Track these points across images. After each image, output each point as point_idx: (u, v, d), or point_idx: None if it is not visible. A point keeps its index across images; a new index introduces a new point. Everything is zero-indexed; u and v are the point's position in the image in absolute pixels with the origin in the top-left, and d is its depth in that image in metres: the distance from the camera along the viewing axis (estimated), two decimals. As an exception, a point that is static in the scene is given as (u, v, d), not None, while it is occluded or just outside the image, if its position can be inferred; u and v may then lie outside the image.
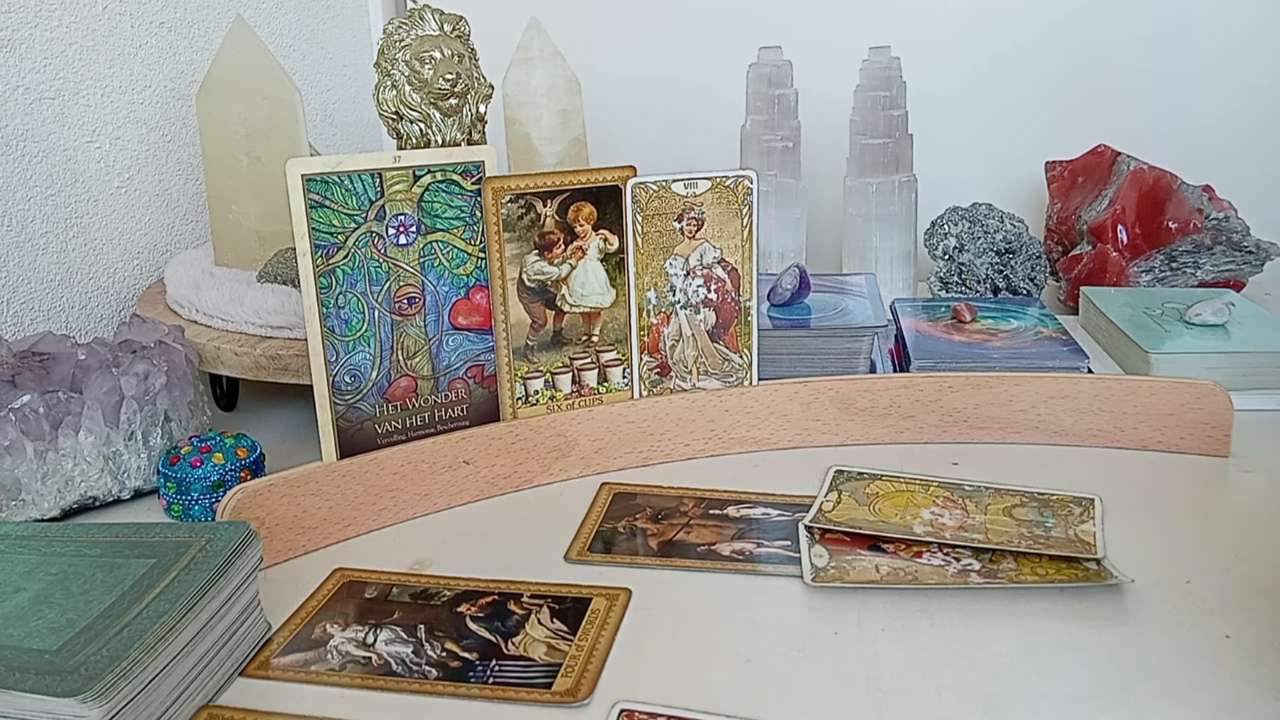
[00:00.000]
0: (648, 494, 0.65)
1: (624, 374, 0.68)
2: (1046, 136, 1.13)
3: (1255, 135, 1.12)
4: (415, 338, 0.63)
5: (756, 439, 0.71)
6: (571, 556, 0.58)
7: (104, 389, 0.64)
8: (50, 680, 0.40)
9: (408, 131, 0.71)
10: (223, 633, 0.48)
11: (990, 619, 0.51)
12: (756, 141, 0.96)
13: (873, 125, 0.94)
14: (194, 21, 0.96)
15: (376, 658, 0.50)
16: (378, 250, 0.60)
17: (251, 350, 0.72)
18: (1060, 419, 0.70)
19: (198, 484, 0.63)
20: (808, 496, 0.63)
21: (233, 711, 0.46)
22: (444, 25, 0.70)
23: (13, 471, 0.61)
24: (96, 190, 0.86)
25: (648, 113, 1.21)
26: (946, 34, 1.15)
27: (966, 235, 0.95)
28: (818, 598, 0.54)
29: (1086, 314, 0.92)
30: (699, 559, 0.58)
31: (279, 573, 0.58)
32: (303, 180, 0.57)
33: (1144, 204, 0.99)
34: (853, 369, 0.74)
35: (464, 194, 0.63)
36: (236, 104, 0.80)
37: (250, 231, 0.82)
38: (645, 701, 0.46)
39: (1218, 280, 0.95)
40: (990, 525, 0.59)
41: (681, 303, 0.68)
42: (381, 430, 0.62)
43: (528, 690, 0.47)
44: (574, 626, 0.51)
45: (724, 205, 0.67)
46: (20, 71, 0.79)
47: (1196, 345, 0.78)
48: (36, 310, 0.81)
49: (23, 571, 0.48)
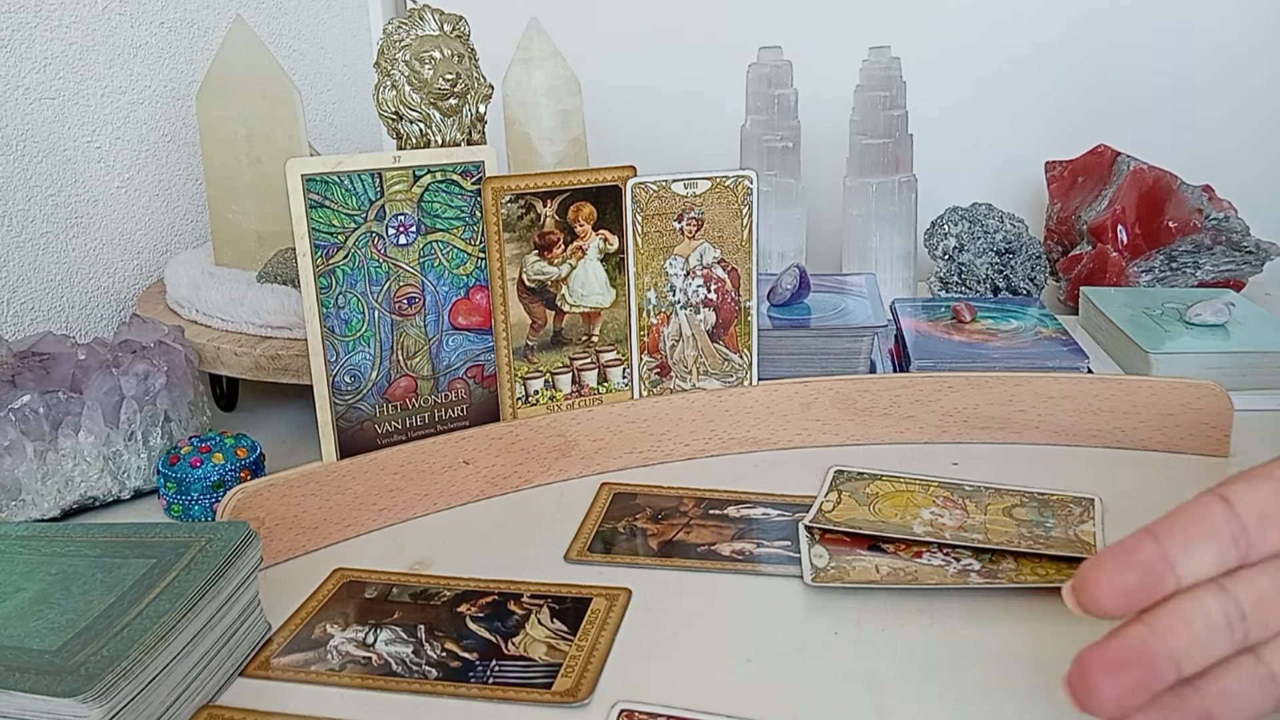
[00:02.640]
0: (648, 494, 0.65)
1: (624, 374, 0.68)
2: (1046, 136, 1.13)
3: (1255, 136, 1.12)
4: (415, 338, 0.63)
5: (756, 439, 0.71)
6: (571, 556, 0.58)
7: (104, 389, 0.64)
8: (50, 680, 0.40)
9: (408, 131, 0.71)
10: (223, 633, 0.48)
11: (990, 619, 0.51)
12: (756, 141, 0.96)
13: (873, 125, 0.94)
14: (194, 21, 0.96)
15: (376, 658, 0.50)
16: (378, 250, 0.60)
17: (251, 350, 0.72)
18: (1060, 419, 0.70)
19: (198, 484, 0.63)
20: (808, 496, 0.63)
21: (233, 711, 0.46)
22: (444, 25, 0.70)
23: (13, 471, 0.61)
24: (96, 190, 0.86)
25: (648, 113, 1.21)
26: (947, 34, 1.15)
27: (966, 235, 0.95)
28: (818, 598, 0.54)
29: (1086, 314, 0.92)
30: (699, 559, 0.58)
31: (279, 573, 0.58)
32: (303, 180, 0.57)
33: (1144, 204, 0.99)
34: (853, 369, 0.74)
35: (464, 194, 0.63)
36: (236, 104, 0.80)
37: (250, 231, 0.82)
38: (645, 701, 0.46)
39: (1218, 280, 0.95)
40: (990, 525, 0.59)
41: (681, 303, 0.68)
42: (381, 430, 0.62)
43: (528, 690, 0.47)
44: (574, 626, 0.51)
45: (724, 205, 0.67)
46: (20, 71, 0.79)
47: (1196, 345, 0.78)
48: (36, 310, 0.81)
49: (23, 571, 0.48)
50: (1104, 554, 0.37)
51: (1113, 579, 0.36)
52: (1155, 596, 0.36)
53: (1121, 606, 0.36)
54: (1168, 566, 0.36)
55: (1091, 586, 0.36)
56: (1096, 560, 0.37)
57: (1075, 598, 0.37)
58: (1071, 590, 0.37)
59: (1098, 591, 0.36)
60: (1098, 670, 0.36)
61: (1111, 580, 0.36)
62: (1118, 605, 0.36)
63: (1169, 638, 0.36)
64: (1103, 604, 0.36)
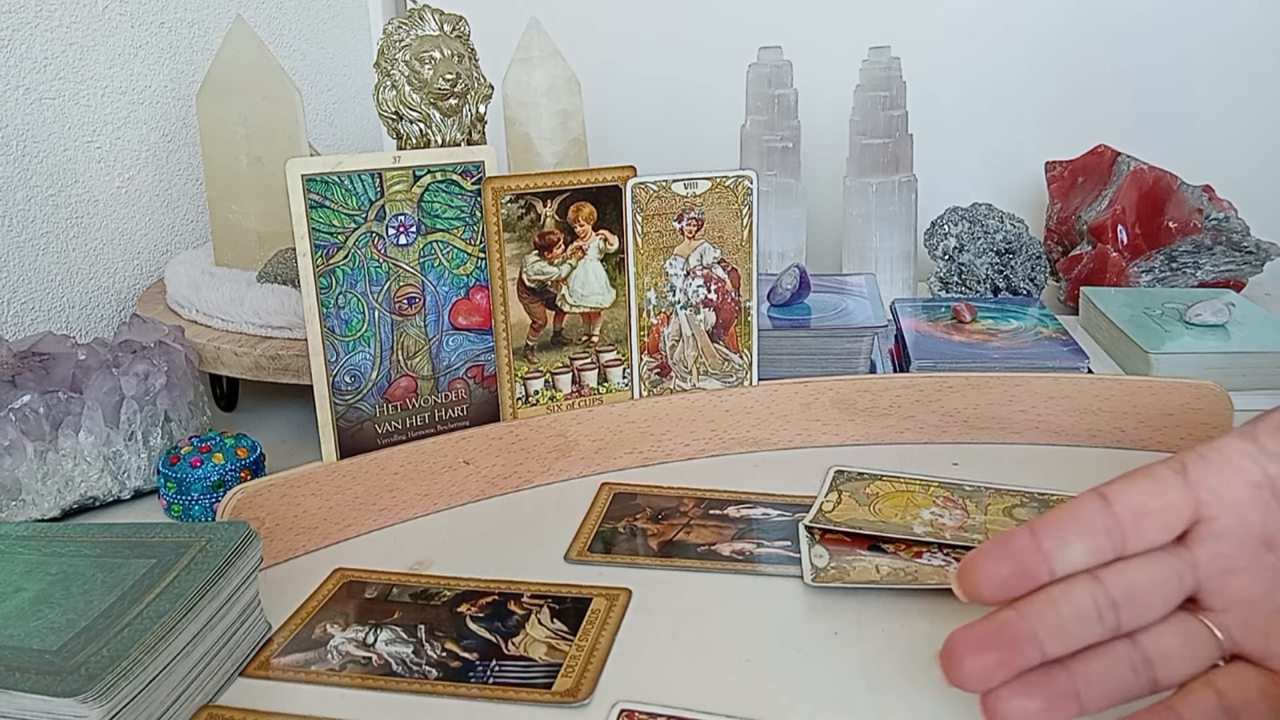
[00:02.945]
0: (648, 494, 0.65)
1: (624, 374, 0.68)
2: (1046, 137, 1.13)
3: (1255, 135, 1.12)
4: (415, 338, 0.63)
5: (757, 439, 0.71)
6: (571, 556, 0.58)
7: (104, 389, 0.64)
8: (50, 680, 0.40)
9: (408, 131, 0.71)
10: (223, 633, 0.48)
11: (990, 619, 0.51)
12: (756, 141, 0.96)
13: (873, 125, 0.94)
14: (194, 21, 0.96)
15: (376, 658, 0.50)
16: (378, 250, 0.60)
17: (251, 350, 0.72)
18: (1060, 419, 0.70)
19: (198, 484, 0.63)
20: (808, 497, 0.63)
21: (233, 711, 0.46)
22: (444, 25, 0.70)
23: (13, 471, 0.61)
24: (96, 190, 0.86)
25: (648, 113, 1.21)
26: (947, 34, 1.15)
27: (966, 235, 0.95)
28: (818, 598, 0.54)
29: (1086, 314, 0.92)
30: (699, 559, 0.58)
31: (279, 573, 0.58)
32: (303, 180, 0.57)
33: (1144, 204, 0.99)
34: (853, 369, 0.74)
35: (464, 194, 0.63)
36: (236, 104, 0.80)
37: (250, 231, 0.82)
38: (645, 701, 0.46)
39: (1218, 280, 0.95)
40: (990, 525, 0.59)
41: (681, 303, 0.68)
42: (381, 430, 0.62)
43: (528, 690, 0.47)
44: (574, 626, 0.51)
45: (724, 205, 0.67)
46: (20, 71, 0.79)
47: (1196, 345, 0.78)
48: (36, 310, 0.81)
49: (23, 571, 0.48)
50: (985, 546, 0.40)
51: (990, 569, 0.40)
52: (1029, 586, 0.40)
53: (998, 594, 0.40)
54: (1040, 557, 0.39)
55: (971, 575, 0.40)
56: (978, 551, 0.40)
57: (958, 586, 0.40)
58: (955, 579, 0.40)
59: (977, 580, 0.40)
60: (962, 648, 0.39)
61: (989, 570, 0.40)
62: (995, 593, 0.40)
63: (1033, 620, 0.39)
64: (981, 592, 0.40)
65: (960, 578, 0.40)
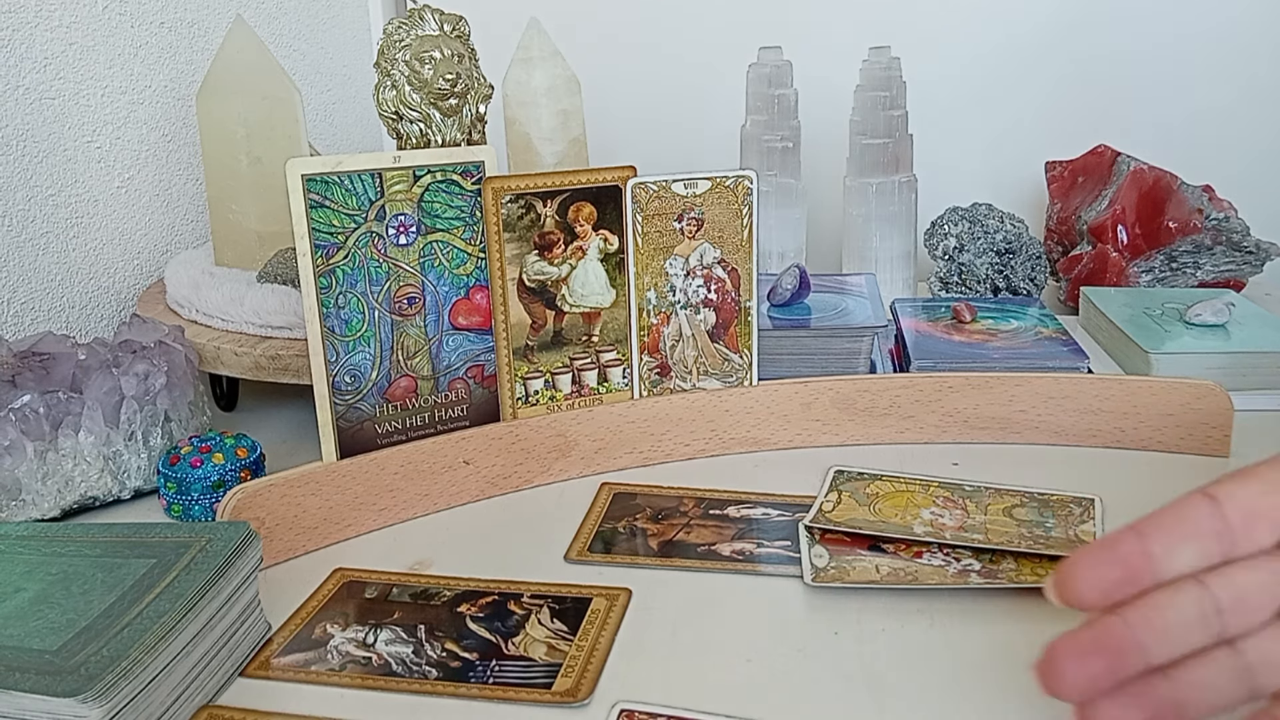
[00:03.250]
0: (648, 494, 0.65)
1: (624, 374, 0.68)
2: (1046, 136, 1.13)
3: (1255, 136, 1.12)
4: (415, 338, 0.63)
5: (756, 439, 0.71)
6: (571, 556, 0.58)
7: (104, 389, 0.64)
8: (50, 680, 0.40)
9: (408, 131, 0.71)
10: (223, 633, 0.48)
11: (990, 619, 0.51)
12: (756, 141, 0.96)
13: (873, 125, 0.94)
14: (194, 21, 0.96)
15: (376, 658, 0.50)
16: (378, 250, 0.60)
17: (251, 350, 0.72)
18: (1060, 419, 0.70)
19: (198, 484, 0.63)
20: (808, 497, 0.63)
21: (233, 711, 0.46)
22: (444, 25, 0.70)
23: (13, 471, 0.61)
24: (96, 190, 0.86)
25: (648, 113, 1.21)
26: (947, 34, 1.15)
27: (966, 235, 0.95)
28: (818, 598, 0.54)
29: (1086, 314, 0.92)
30: (699, 559, 0.58)
31: (279, 573, 0.58)
32: (303, 180, 0.57)
33: (1144, 204, 0.99)
34: (853, 369, 0.74)
35: (464, 194, 0.63)
36: (236, 104, 0.80)
37: (250, 231, 0.82)
38: (645, 701, 0.46)
39: (1218, 280, 0.95)
40: (990, 525, 0.59)
41: (681, 303, 0.68)
42: (381, 430, 0.62)
43: (528, 690, 0.47)
44: (574, 626, 0.51)
45: (724, 205, 0.67)
46: (20, 71, 0.79)
47: (1196, 345, 0.78)
48: (36, 310, 0.81)
49: (23, 571, 0.48)
50: (1087, 549, 0.38)
51: (1092, 573, 0.38)
52: (1133, 590, 0.38)
53: (1100, 600, 0.38)
54: (1147, 561, 0.37)
55: (1072, 580, 0.38)
56: (1079, 555, 0.38)
57: (1057, 591, 0.38)
58: (1053, 584, 0.38)
59: (1078, 585, 0.38)
60: (1064, 657, 0.37)
61: (1091, 574, 0.38)
62: (1096, 598, 0.38)
63: (1138, 628, 0.37)
64: (1082, 597, 0.38)
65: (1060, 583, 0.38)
